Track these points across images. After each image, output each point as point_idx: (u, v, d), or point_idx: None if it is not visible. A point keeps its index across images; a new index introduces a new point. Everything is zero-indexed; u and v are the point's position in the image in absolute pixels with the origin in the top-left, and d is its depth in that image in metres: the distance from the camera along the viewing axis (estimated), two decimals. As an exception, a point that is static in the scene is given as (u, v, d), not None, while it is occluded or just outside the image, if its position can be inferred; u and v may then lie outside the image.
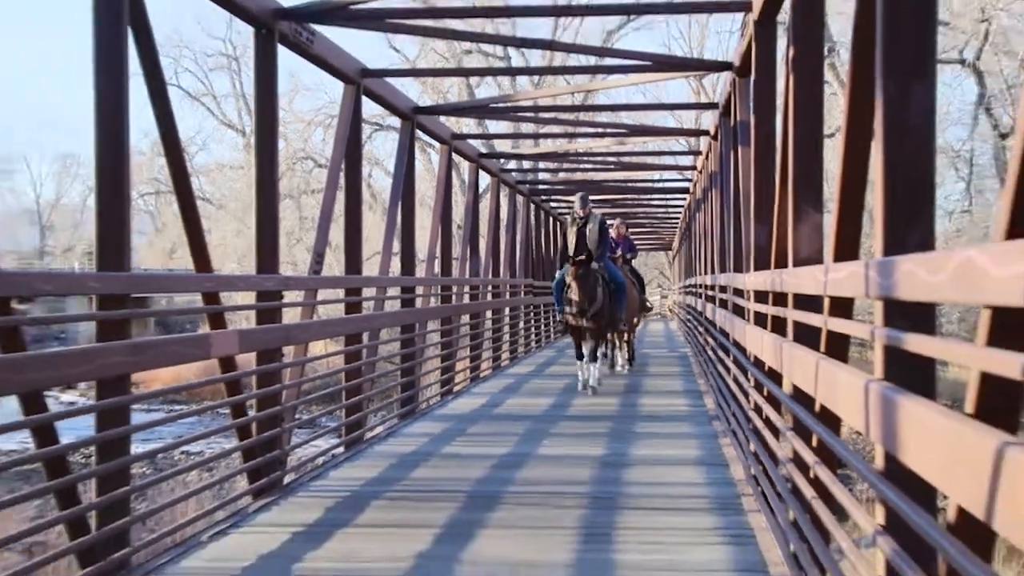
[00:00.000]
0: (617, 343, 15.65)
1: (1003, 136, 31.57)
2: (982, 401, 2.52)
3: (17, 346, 4.83)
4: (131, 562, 5.37)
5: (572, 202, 13.37)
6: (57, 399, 24.87)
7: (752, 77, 8.68)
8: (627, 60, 13.24)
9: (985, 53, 32.32)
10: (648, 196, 27.60)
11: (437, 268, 15.24)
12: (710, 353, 12.39)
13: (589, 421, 10.48)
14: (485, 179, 19.35)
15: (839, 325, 4.15)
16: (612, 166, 22.17)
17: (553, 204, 25.41)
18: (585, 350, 12.47)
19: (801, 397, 4.70)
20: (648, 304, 18.57)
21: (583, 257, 11.75)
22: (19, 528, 5.07)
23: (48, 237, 72.04)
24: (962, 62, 33.07)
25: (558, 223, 24.48)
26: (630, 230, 33.93)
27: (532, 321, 22.33)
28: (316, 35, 8.97)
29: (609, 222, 14.64)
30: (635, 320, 15.76)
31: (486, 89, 42.55)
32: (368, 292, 10.70)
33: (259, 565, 5.27)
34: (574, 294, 11.80)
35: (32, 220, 72.82)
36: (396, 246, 12.80)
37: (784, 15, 7.43)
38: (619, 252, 15.11)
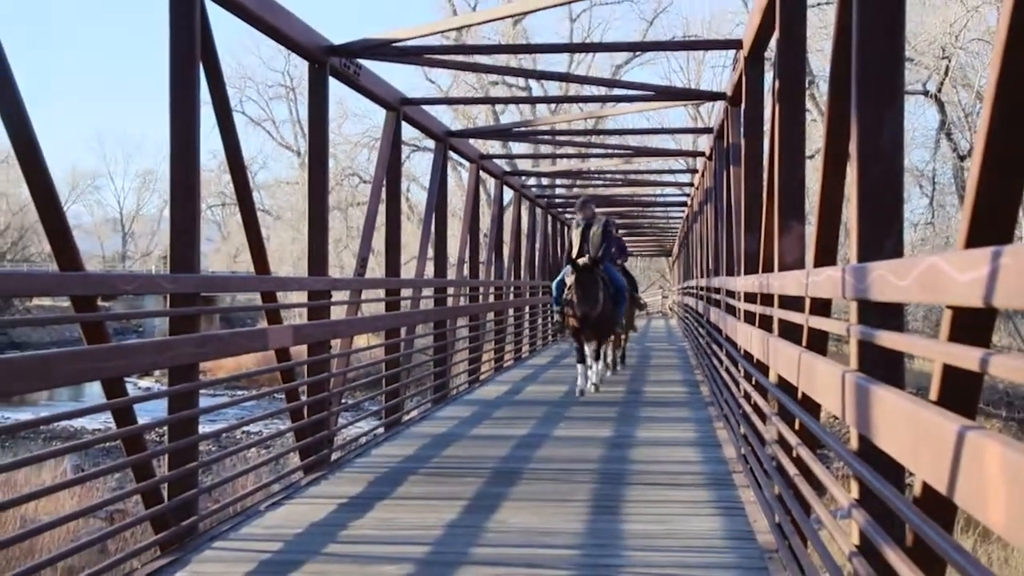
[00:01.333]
0: (615, 343, 13.99)
1: (962, 158, 31.92)
2: (944, 390, 2.51)
3: (101, 338, 4.86)
4: (198, 528, 5.39)
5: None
6: (135, 384, 25.00)
7: (742, 106, 8.68)
8: (633, 91, 13.22)
9: (945, 86, 32.71)
10: (651, 209, 27.60)
11: (466, 271, 15.24)
12: (705, 347, 12.37)
13: (598, 406, 10.49)
14: (508, 194, 19.36)
15: (819, 323, 4.14)
16: (620, 183, 22.14)
17: (568, 216, 25.41)
18: (587, 351, 11.11)
19: (785, 386, 4.69)
20: (642, 302, 17.26)
21: (587, 262, 10.71)
22: (102, 497, 5.11)
23: (129, 243, 72.42)
24: (925, 93, 33.45)
25: (565, 227, 24.09)
26: (627, 234, 33.90)
27: (549, 318, 22.32)
28: (362, 68, 9.00)
29: None
30: (632, 322, 14.57)
31: (510, 115, 42.53)
32: (405, 292, 10.73)
33: (309, 531, 5.29)
34: (575, 296, 10.68)
35: (115, 228, 73.23)
36: (430, 252, 12.81)
37: (770, 52, 7.41)
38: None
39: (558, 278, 11.48)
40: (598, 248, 11.01)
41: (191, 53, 5.90)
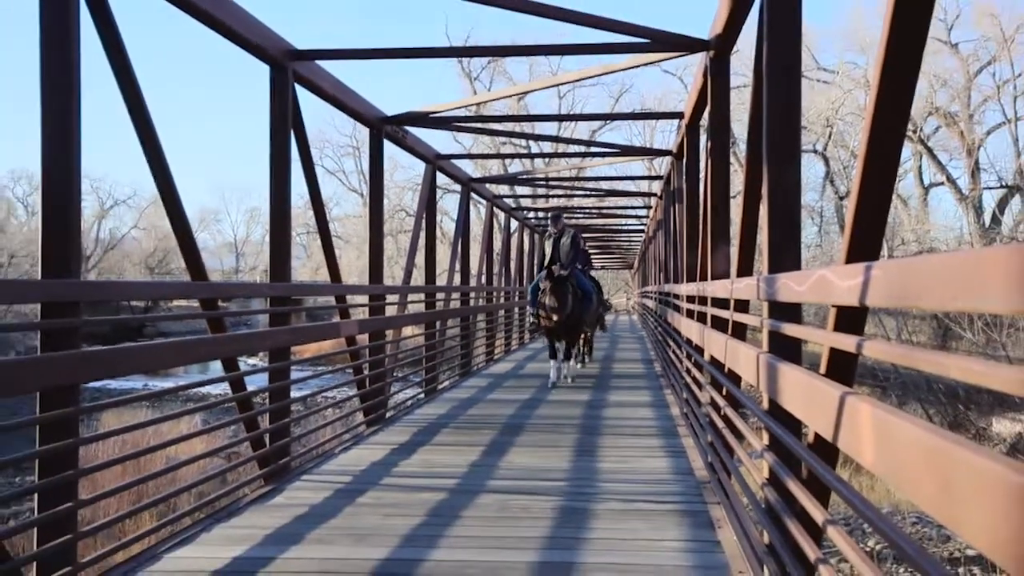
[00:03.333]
0: (583, 341, 11.88)
1: (841, 198, 32.45)
2: (830, 366, 2.52)
3: (222, 329, 4.89)
4: (291, 466, 5.42)
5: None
6: (245, 362, 24.92)
7: (684, 160, 8.69)
8: (604, 149, 13.24)
9: (829, 146, 33.23)
10: (618, 234, 27.53)
11: (484, 280, 15.23)
12: (658, 335, 12.36)
13: (579, 377, 10.48)
14: (514, 224, 19.37)
15: (740, 317, 4.15)
16: (595, 215, 22.20)
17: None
18: (558, 348, 9.62)
19: (716, 363, 4.70)
20: (608, 303, 15.24)
21: (563, 273, 9.17)
22: (223, 443, 5.12)
23: (241, 261, 72.24)
24: (815, 151, 33.91)
25: (537, 235, 23.38)
26: (600, 253, 33.58)
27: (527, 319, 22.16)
28: (408, 132, 9.02)
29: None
30: (599, 321, 12.74)
31: (515, 166, 42.47)
32: (439, 296, 10.74)
33: (370, 468, 5.31)
34: (548, 299, 9.15)
35: (231, 250, 73.04)
36: (457, 266, 12.82)
37: (704, 121, 7.43)
38: None
39: (533, 283, 9.80)
40: (567, 255, 9.39)
41: (285, 122, 5.93)
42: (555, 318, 9.19)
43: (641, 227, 23.57)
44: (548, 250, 9.61)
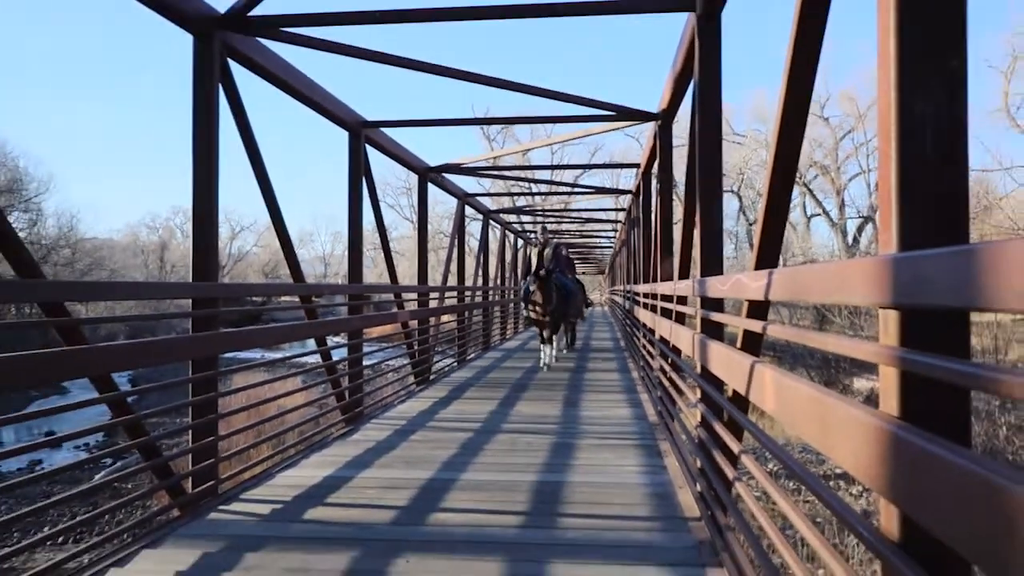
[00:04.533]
0: (566, 331, 10.29)
1: (750, 224, 32.86)
2: (744, 342, 2.53)
3: (314, 317, 4.92)
4: (363, 413, 5.44)
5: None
6: (331, 339, 24.78)
7: (641, 197, 8.67)
8: (584, 189, 13.20)
9: (742, 188, 33.49)
10: (594, 249, 27.52)
11: (498, 283, 15.20)
12: (624, 323, 12.32)
13: (569, 352, 10.46)
14: (520, 242, 19.36)
15: (681, 308, 4.15)
16: (578, 236, 22.18)
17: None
18: (545, 336, 8.41)
19: (664, 341, 4.70)
20: (589, 301, 14.22)
21: (543, 273, 8.02)
22: (315, 397, 5.15)
23: (327, 269, 72.18)
24: (732, 191, 34.18)
25: (527, 244, 22.59)
26: (581, 262, 33.51)
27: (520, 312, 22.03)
28: (445, 178, 9.04)
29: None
30: (580, 314, 11.04)
31: (521, 201, 42.33)
32: (467, 294, 10.74)
33: (419, 415, 5.32)
34: (537, 297, 8.16)
35: (321, 261, 72.93)
36: (479, 273, 12.82)
37: (655, 170, 7.42)
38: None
39: (524, 285, 8.62)
40: (550, 261, 8.26)
41: (359, 171, 5.97)
42: (540, 311, 8.40)
43: (610, 244, 23.56)
44: (535, 259, 8.71)
